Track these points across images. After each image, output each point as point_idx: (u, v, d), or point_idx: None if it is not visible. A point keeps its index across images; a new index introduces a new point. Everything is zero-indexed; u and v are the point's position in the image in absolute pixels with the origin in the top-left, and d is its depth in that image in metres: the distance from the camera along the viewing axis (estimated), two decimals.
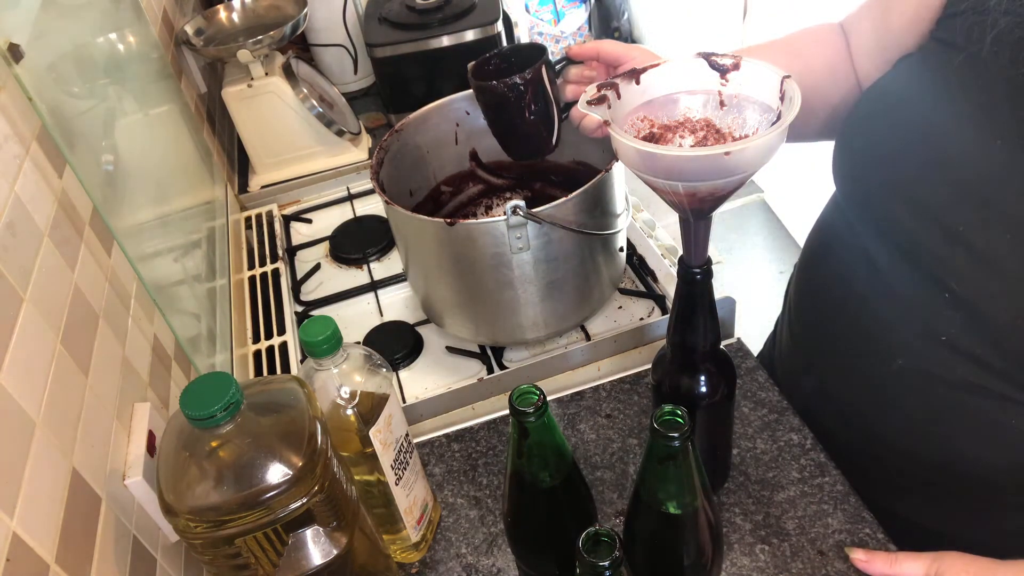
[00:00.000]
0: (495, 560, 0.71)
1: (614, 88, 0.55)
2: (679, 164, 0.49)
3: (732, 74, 0.54)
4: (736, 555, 0.68)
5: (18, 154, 0.58)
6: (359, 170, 1.27)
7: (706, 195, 0.51)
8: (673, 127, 0.55)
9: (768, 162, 0.50)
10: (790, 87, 0.51)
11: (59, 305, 0.57)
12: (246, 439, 0.50)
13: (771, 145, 0.48)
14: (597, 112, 0.53)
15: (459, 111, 0.95)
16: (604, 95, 0.54)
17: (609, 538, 0.45)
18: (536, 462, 0.54)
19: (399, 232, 0.87)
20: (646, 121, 0.56)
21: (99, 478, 0.55)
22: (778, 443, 0.76)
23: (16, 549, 0.44)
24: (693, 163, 0.48)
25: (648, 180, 0.52)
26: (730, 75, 0.54)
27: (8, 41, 0.59)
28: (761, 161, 0.49)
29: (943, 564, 0.58)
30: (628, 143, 0.50)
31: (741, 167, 0.48)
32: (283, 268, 1.09)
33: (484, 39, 1.23)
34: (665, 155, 0.49)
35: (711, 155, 0.48)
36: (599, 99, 0.54)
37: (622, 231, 0.87)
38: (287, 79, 1.18)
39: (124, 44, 0.93)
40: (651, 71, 0.56)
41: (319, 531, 0.54)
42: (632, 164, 0.51)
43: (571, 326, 0.91)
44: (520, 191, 1.04)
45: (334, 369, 0.59)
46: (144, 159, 0.87)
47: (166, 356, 0.76)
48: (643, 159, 0.50)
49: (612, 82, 0.55)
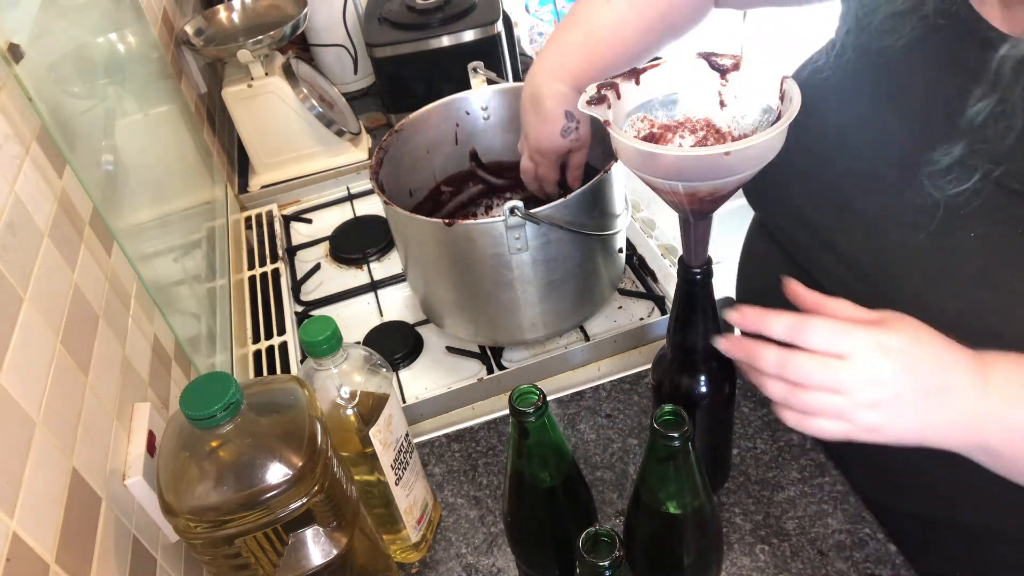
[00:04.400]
0: (495, 560, 0.71)
1: (614, 88, 0.55)
2: (679, 164, 0.49)
3: (732, 74, 0.54)
4: (736, 555, 0.68)
5: (18, 154, 0.58)
6: (359, 170, 1.27)
7: (706, 195, 0.51)
8: (673, 127, 0.55)
9: (768, 162, 0.50)
10: (790, 86, 0.51)
11: (59, 305, 0.57)
12: (246, 439, 0.50)
13: (771, 145, 0.48)
14: (597, 112, 0.53)
15: (459, 111, 0.95)
16: (604, 95, 0.54)
17: (609, 538, 0.45)
18: (536, 462, 0.54)
19: (398, 232, 0.87)
20: (646, 121, 0.56)
21: (99, 478, 0.55)
22: (778, 443, 0.76)
23: (16, 549, 0.44)
24: (693, 163, 0.48)
25: (648, 180, 0.52)
26: (730, 75, 0.54)
27: (8, 41, 0.59)
28: (761, 161, 0.49)
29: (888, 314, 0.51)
30: (628, 143, 0.50)
31: (741, 167, 0.48)
32: (283, 268, 1.09)
33: (484, 39, 1.23)
34: (665, 155, 0.49)
35: (711, 155, 0.48)
36: (599, 99, 0.54)
37: (621, 231, 0.87)
38: (287, 79, 1.18)
39: (124, 44, 0.93)
40: (651, 71, 0.56)
41: (319, 531, 0.54)
42: (632, 164, 0.51)
43: (571, 326, 0.91)
44: (520, 191, 1.04)
45: (334, 369, 0.59)
46: (144, 159, 0.87)
47: (166, 356, 0.76)
48: (643, 159, 0.50)
49: (612, 82, 0.55)
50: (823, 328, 0.48)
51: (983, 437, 0.49)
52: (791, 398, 0.50)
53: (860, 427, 0.49)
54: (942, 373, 0.48)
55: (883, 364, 0.47)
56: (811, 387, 0.48)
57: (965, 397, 0.48)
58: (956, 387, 0.48)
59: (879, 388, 0.47)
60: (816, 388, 0.48)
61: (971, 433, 0.49)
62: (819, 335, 0.48)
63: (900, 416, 0.48)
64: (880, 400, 0.48)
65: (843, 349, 0.48)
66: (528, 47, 3.75)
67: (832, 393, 0.48)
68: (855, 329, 0.48)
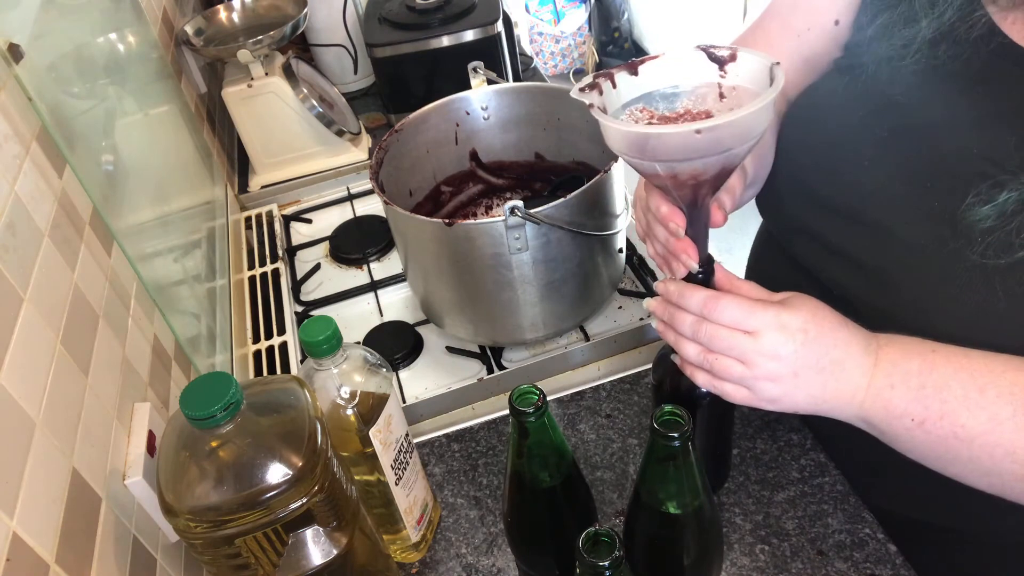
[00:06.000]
0: (495, 560, 0.71)
1: (609, 77, 0.55)
2: (653, 143, 0.49)
3: (730, 65, 0.54)
4: (736, 555, 0.68)
5: (18, 154, 0.58)
6: (359, 170, 1.27)
7: (688, 178, 0.51)
8: (673, 119, 0.55)
9: (750, 143, 0.49)
10: (776, 72, 0.50)
11: (59, 305, 0.57)
12: (246, 439, 0.50)
13: (746, 124, 0.48)
14: (585, 97, 0.53)
15: (459, 111, 0.95)
16: (597, 82, 0.55)
17: (609, 538, 0.45)
18: (536, 462, 0.54)
19: (398, 232, 0.87)
20: (645, 112, 0.56)
21: (99, 478, 0.55)
22: (778, 443, 0.76)
23: (16, 549, 0.44)
24: (667, 141, 0.48)
25: (633, 163, 0.52)
26: (728, 66, 0.54)
27: (8, 41, 0.59)
28: (735, 142, 0.48)
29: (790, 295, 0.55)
30: (604, 121, 0.50)
31: (715, 147, 0.48)
32: (283, 268, 1.09)
33: (484, 39, 1.23)
34: (634, 132, 0.50)
35: (681, 132, 0.47)
36: (591, 85, 0.54)
37: (621, 231, 0.87)
38: (287, 79, 1.18)
39: (124, 44, 0.93)
40: (649, 63, 0.56)
41: (319, 531, 0.54)
42: (614, 146, 0.52)
43: (571, 326, 0.91)
44: (520, 191, 1.04)
45: (334, 369, 0.59)
46: (144, 159, 0.87)
47: (166, 356, 0.76)
48: (621, 139, 0.50)
49: (608, 72, 0.55)
50: (732, 306, 0.53)
51: (866, 412, 0.54)
52: (703, 360, 0.55)
53: (761, 398, 0.54)
54: (836, 349, 0.53)
55: (783, 342, 0.52)
56: (720, 354, 0.54)
57: (853, 374, 0.53)
58: (847, 364, 0.53)
59: (778, 364, 0.52)
60: (724, 355, 0.54)
61: (856, 407, 0.54)
62: (728, 312, 0.53)
63: (796, 390, 0.53)
64: (779, 375, 0.53)
65: (749, 326, 0.53)
66: (528, 47, 3.74)
67: (737, 363, 0.53)
68: (760, 309, 0.53)
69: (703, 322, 0.54)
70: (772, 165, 0.70)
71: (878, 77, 0.61)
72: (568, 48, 3.46)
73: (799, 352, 0.52)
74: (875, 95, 0.61)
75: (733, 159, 0.50)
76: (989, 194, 0.52)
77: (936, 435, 0.52)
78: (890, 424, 0.53)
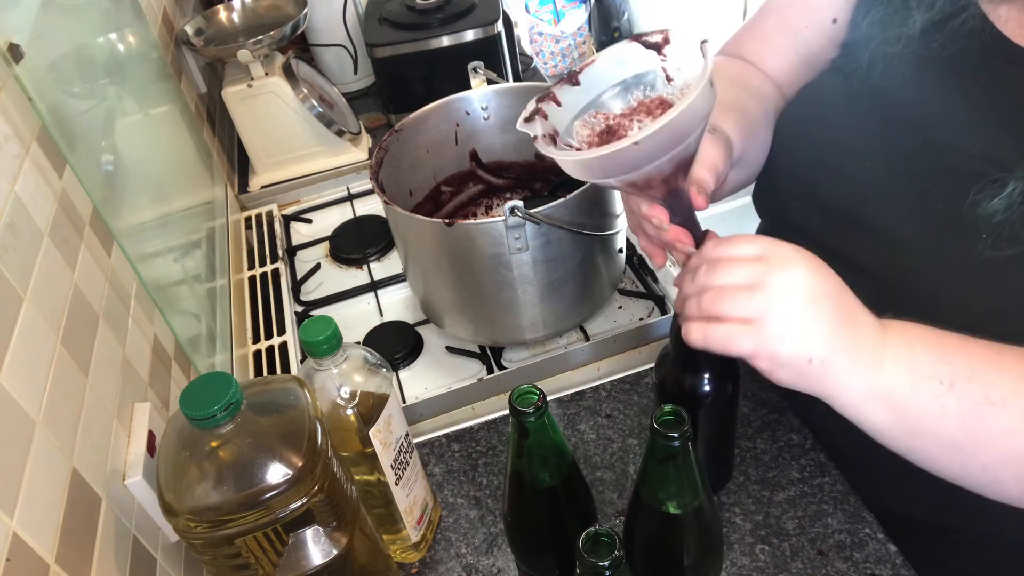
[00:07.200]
0: (495, 560, 0.71)
1: (549, 97, 0.55)
2: (601, 163, 0.48)
3: (667, 48, 0.53)
4: (736, 555, 0.68)
5: (18, 154, 0.58)
6: (359, 170, 1.27)
7: (648, 182, 0.50)
8: (628, 114, 0.55)
9: (697, 130, 0.48)
10: (705, 50, 0.49)
11: (59, 305, 0.57)
12: (246, 439, 0.50)
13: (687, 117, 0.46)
14: (528, 129, 0.53)
15: (459, 111, 0.95)
16: (539, 107, 0.54)
17: (609, 538, 0.45)
18: (536, 462, 0.54)
19: (398, 232, 0.87)
20: (599, 116, 0.55)
21: (99, 478, 0.55)
22: (778, 443, 0.76)
23: (16, 549, 0.44)
24: (611, 159, 0.47)
25: (595, 183, 0.52)
26: (665, 49, 0.53)
27: (8, 41, 0.59)
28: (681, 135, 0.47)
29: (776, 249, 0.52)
30: (546, 153, 0.49)
31: (662, 148, 0.47)
32: (283, 268, 1.09)
33: (484, 39, 1.23)
34: (571, 160, 0.49)
35: (621, 149, 0.46)
36: (535, 111, 0.54)
37: (621, 231, 0.87)
38: (287, 79, 1.18)
39: (124, 44, 0.93)
40: (587, 69, 0.55)
41: (319, 531, 0.54)
42: (569, 172, 0.51)
43: (571, 326, 0.91)
44: (520, 191, 1.04)
45: (334, 369, 0.59)
46: (144, 159, 0.87)
47: (166, 356, 0.76)
48: (569, 167, 0.50)
49: (547, 93, 0.55)
50: (743, 239, 0.51)
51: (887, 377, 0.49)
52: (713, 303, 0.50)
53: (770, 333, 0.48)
54: (846, 294, 0.50)
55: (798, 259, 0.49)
56: (733, 287, 0.49)
57: (867, 329, 0.49)
58: (858, 315, 0.49)
59: (792, 281, 0.48)
60: (737, 288, 0.49)
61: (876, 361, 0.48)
62: (741, 245, 0.50)
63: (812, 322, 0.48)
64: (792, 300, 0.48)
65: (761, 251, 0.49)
66: (528, 47, 3.74)
67: (747, 292, 0.48)
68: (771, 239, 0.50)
69: (717, 262, 0.51)
70: (772, 165, 0.70)
71: (873, 72, 0.61)
72: (568, 48, 3.46)
73: (814, 276, 0.48)
74: (870, 91, 0.61)
75: (686, 149, 0.49)
76: (994, 189, 0.51)
77: (969, 401, 0.46)
78: (915, 391, 0.47)
